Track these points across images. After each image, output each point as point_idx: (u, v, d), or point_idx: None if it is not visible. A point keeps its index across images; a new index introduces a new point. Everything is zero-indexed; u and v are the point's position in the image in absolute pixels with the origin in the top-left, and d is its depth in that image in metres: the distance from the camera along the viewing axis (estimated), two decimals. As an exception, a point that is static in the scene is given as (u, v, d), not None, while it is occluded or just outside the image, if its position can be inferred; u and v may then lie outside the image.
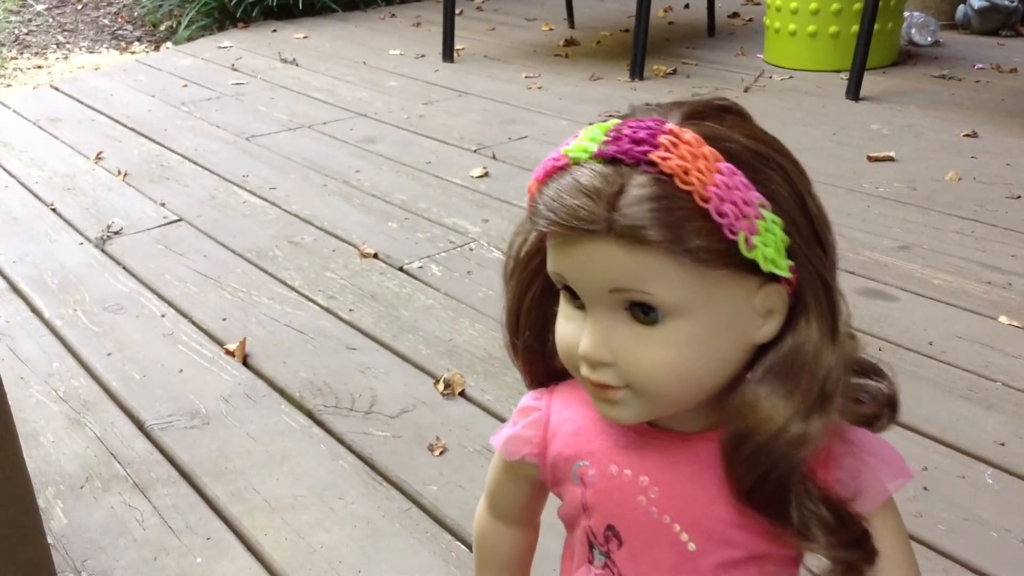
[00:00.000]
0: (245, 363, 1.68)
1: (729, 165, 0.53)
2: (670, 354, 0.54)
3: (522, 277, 0.64)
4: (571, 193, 0.53)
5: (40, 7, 5.73)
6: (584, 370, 0.57)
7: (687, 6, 4.86)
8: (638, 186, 0.52)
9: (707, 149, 0.52)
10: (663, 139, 0.52)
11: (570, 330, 0.58)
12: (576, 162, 0.54)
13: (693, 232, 0.51)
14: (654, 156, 0.52)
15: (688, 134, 0.53)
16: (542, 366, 0.67)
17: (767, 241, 0.53)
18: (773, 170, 0.54)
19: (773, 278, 0.54)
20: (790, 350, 0.55)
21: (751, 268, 0.53)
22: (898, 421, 0.60)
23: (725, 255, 0.52)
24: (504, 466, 0.72)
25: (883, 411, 0.60)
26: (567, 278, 0.56)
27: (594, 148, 0.54)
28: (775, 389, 0.55)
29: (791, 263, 0.54)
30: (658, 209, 0.51)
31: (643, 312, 0.54)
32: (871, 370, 0.61)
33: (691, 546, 0.60)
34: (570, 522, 0.67)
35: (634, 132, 0.53)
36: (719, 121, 0.56)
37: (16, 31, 5.32)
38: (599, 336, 0.55)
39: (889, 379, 0.60)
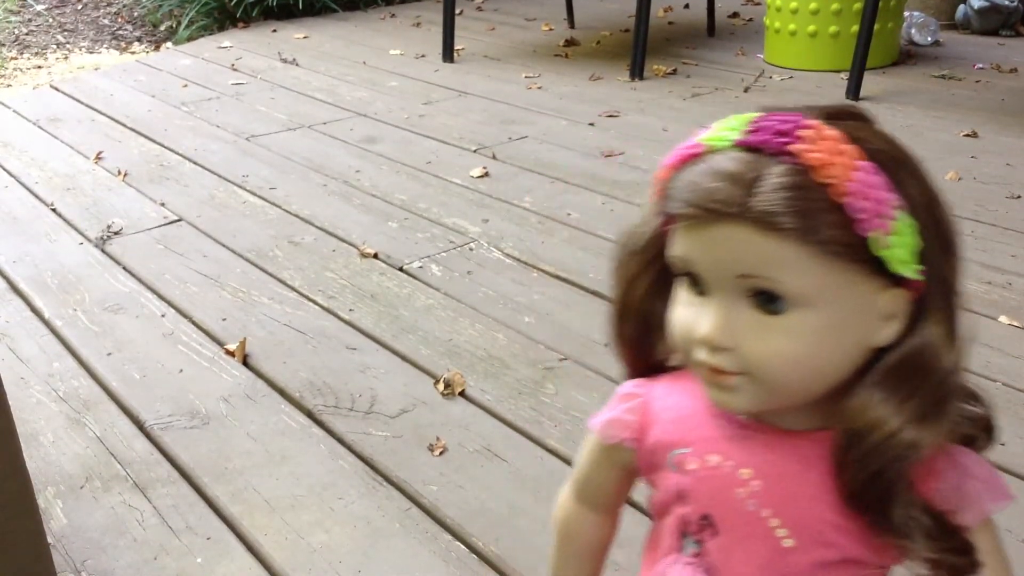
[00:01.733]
0: (245, 363, 1.68)
1: (870, 164, 0.54)
2: (792, 344, 0.55)
3: (635, 268, 0.64)
4: (709, 177, 0.54)
5: (40, 7, 5.73)
6: (702, 355, 0.57)
7: (687, 6, 4.86)
8: (777, 175, 0.52)
9: (848, 146, 0.54)
10: (805, 132, 0.54)
11: (689, 315, 0.58)
12: (713, 150, 0.55)
13: (827, 224, 0.52)
14: (795, 148, 0.53)
15: (830, 130, 0.54)
16: (644, 359, 0.68)
17: (899, 243, 0.54)
18: (909, 174, 0.55)
19: (898, 282, 0.55)
20: (910, 351, 0.56)
21: (879, 268, 0.54)
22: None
23: (856, 250, 0.53)
24: (600, 449, 0.72)
25: (981, 434, 0.61)
26: (694, 262, 0.57)
27: (735, 136, 0.55)
28: (891, 393, 0.56)
29: (919, 267, 0.55)
30: (795, 198, 0.52)
31: (768, 301, 0.54)
32: (969, 395, 0.61)
33: (787, 542, 0.60)
34: (661, 510, 0.67)
35: (777, 124, 0.54)
36: (856, 124, 0.57)
37: (16, 31, 5.32)
38: (722, 321, 0.56)
39: (985, 404, 0.61)
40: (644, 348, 0.67)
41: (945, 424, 0.56)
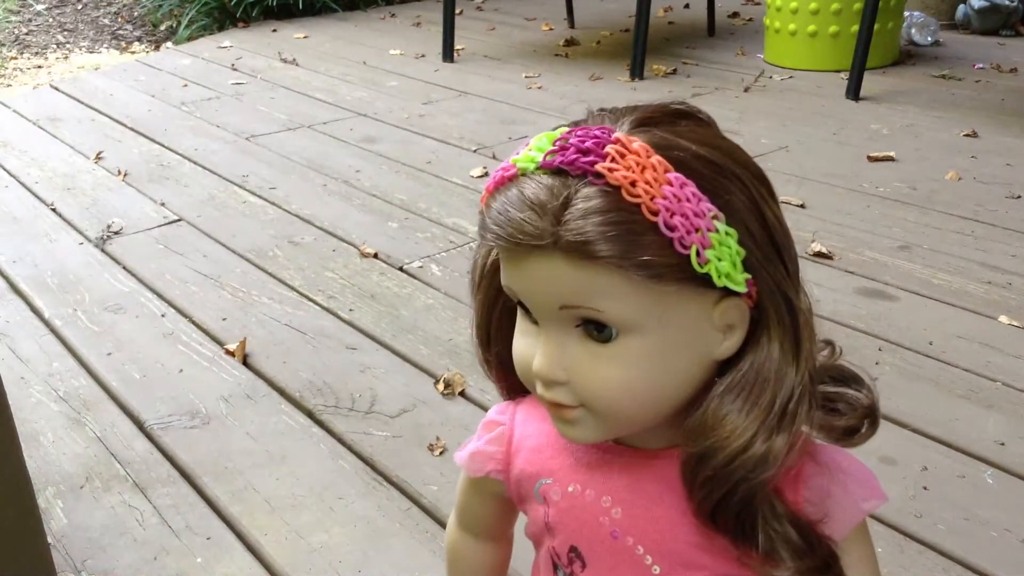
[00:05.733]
0: (245, 363, 1.68)
1: (679, 175, 0.50)
2: (624, 372, 0.52)
3: (488, 291, 0.61)
4: (517, 206, 0.51)
5: (40, 7, 5.73)
6: (539, 389, 0.55)
7: (687, 6, 4.86)
8: (584, 199, 0.49)
9: (656, 159, 0.50)
10: (610, 149, 0.50)
11: (525, 346, 0.56)
12: (523, 173, 0.52)
13: (643, 246, 0.49)
14: (600, 167, 0.49)
15: (636, 143, 0.51)
16: (516, 378, 0.62)
17: (721, 254, 0.50)
18: (728, 179, 0.52)
19: (731, 292, 0.52)
20: (751, 368, 0.53)
21: (707, 282, 0.51)
22: (897, 422, 0.59)
23: (678, 270, 0.50)
24: (470, 482, 0.70)
25: (862, 423, 0.57)
26: (519, 293, 0.54)
27: (540, 158, 0.52)
28: (736, 407, 0.53)
29: (748, 276, 0.52)
30: (606, 223, 0.49)
31: (596, 329, 0.52)
32: (850, 378, 0.58)
33: (656, 569, 0.58)
34: (536, 541, 0.65)
35: (581, 141, 0.51)
36: (672, 127, 0.53)
37: (16, 31, 5.32)
38: (552, 354, 0.53)
39: (869, 387, 0.58)
40: (512, 370, 0.61)
41: (797, 433, 0.53)
